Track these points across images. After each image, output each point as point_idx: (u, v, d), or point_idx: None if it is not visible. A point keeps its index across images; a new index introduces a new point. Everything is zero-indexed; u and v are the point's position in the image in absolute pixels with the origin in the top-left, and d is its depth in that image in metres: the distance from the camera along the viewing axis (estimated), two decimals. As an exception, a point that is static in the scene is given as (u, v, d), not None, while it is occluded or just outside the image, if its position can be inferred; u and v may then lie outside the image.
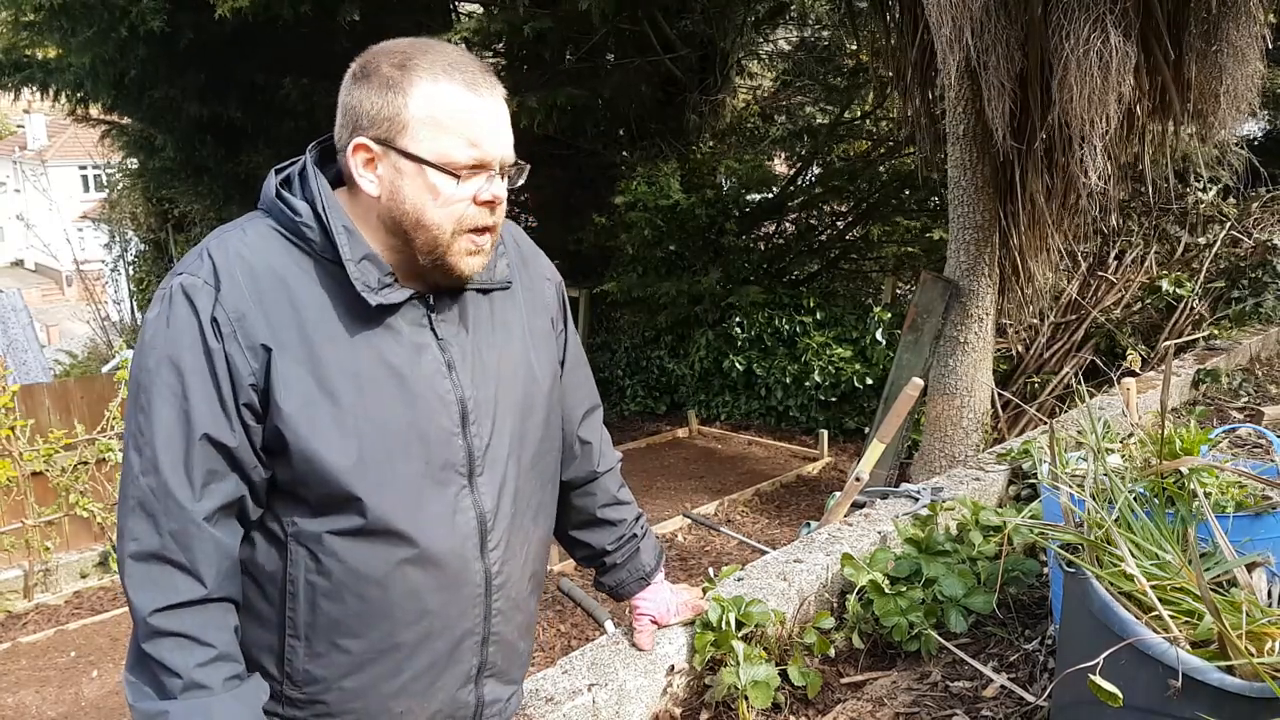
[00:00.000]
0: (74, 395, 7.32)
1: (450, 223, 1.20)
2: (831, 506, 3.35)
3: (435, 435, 1.24)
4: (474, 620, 1.31)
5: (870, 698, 1.72)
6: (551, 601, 4.57)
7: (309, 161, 1.25)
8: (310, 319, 1.19)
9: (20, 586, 5.28)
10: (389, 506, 1.21)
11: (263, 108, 8.32)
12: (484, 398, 1.29)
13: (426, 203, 1.19)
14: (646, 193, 7.52)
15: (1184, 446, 1.84)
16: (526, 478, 1.36)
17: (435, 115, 1.17)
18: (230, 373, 1.15)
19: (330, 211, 1.20)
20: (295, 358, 1.17)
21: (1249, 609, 1.19)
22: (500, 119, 1.22)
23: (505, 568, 1.33)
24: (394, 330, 1.23)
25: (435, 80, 1.17)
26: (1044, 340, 5.99)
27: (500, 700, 1.40)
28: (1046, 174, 4.28)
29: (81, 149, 23.67)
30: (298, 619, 1.23)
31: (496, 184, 1.21)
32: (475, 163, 1.19)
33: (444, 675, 1.31)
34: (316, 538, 1.21)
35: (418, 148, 1.17)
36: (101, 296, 16.77)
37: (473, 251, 1.22)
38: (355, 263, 1.19)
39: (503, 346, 1.34)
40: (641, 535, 1.64)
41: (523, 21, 6.66)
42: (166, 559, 1.14)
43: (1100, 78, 3.32)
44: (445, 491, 1.25)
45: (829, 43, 8.94)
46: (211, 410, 1.15)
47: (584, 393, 1.58)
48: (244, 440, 1.18)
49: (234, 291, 1.16)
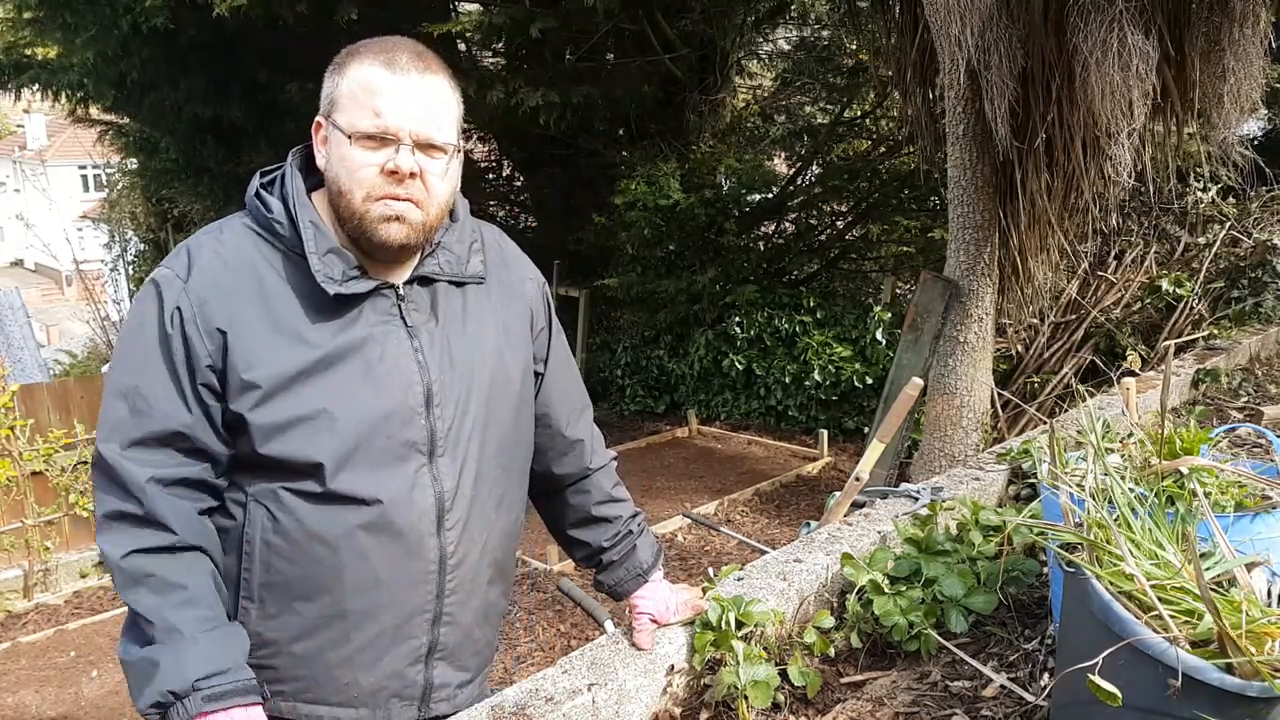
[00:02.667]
0: (74, 395, 7.33)
1: (359, 189, 1.27)
2: (831, 506, 3.35)
3: (399, 414, 1.31)
4: (425, 597, 1.35)
5: (870, 697, 1.72)
6: (551, 601, 4.57)
7: (289, 163, 1.35)
8: (278, 307, 1.27)
9: (20, 586, 5.28)
10: (349, 475, 1.27)
11: (263, 108, 8.33)
12: (450, 383, 1.35)
13: (341, 170, 1.27)
14: (646, 192, 7.52)
15: (1184, 446, 1.84)
16: (490, 464, 1.41)
17: (353, 90, 1.26)
18: (187, 355, 1.24)
19: (299, 208, 1.29)
20: (261, 341, 1.25)
21: (1249, 609, 1.19)
22: (415, 95, 1.27)
23: (461, 548, 1.37)
24: (360, 318, 1.31)
25: (362, 63, 1.27)
26: (1044, 340, 5.99)
27: (450, 685, 1.43)
28: (1047, 174, 4.28)
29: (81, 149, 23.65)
30: (252, 580, 1.29)
31: (403, 155, 1.25)
32: (377, 131, 1.25)
33: (392, 649, 1.35)
34: (275, 495, 1.27)
35: (340, 119, 1.27)
36: (101, 296, 16.75)
37: (389, 218, 1.27)
38: (320, 256, 1.27)
39: (474, 338, 1.40)
40: (638, 533, 1.66)
41: (528, 20, 6.65)
42: (131, 515, 1.23)
43: (1121, 76, 3.32)
44: (405, 466, 1.31)
45: (829, 42, 8.93)
46: (166, 394, 1.24)
47: (572, 392, 1.61)
48: (202, 418, 1.26)
49: (200, 281, 1.25)
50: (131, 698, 1.21)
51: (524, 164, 10.07)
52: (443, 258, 1.38)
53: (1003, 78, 3.63)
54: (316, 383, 1.26)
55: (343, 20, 6.59)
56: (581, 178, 9.30)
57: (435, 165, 1.29)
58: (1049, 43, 3.75)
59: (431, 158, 1.28)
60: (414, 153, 1.26)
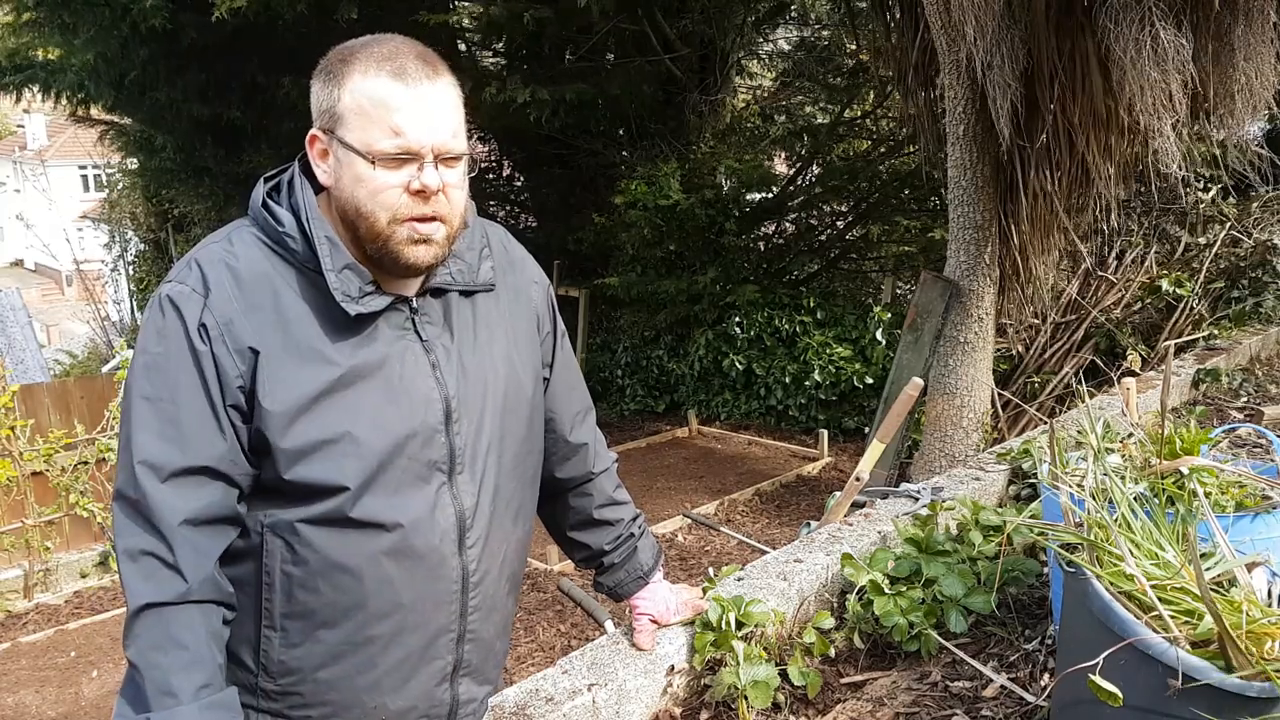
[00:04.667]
0: (74, 395, 7.33)
1: (384, 212, 1.21)
2: (831, 506, 3.35)
3: (420, 433, 1.27)
4: (449, 617, 1.32)
5: (870, 698, 1.72)
6: (551, 601, 4.57)
7: (296, 170, 1.29)
8: (295, 326, 1.21)
9: (20, 586, 5.28)
10: (370, 499, 1.23)
11: (263, 108, 8.32)
12: (467, 397, 1.32)
13: (360, 192, 1.21)
14: (646, 192, 7.51)
15: (1184, 446, 1.84)
16: (508, 477, 1.38)
17: (361, 105, 1.19)
18: (219, 374, 1.18)
19: (314, 222, 1.23)
20: (281, 361, 1.20)
21: (1249, 609, 1.19)
22: (432, 107, 1.21)
23: (483, 565, 1.34)
24: (378, 334, 1.26)
25: (365, 72, 1.20)
26: (1044, 340, 5.98)
27: (475, 700, 1.42)
28: (1048, 173, 4.28)
29: (81, 149, 23.65)
30: (274, 609, 1.25)
31: (428, 173, 1.20)
32: (400, 151, 1.19)
33: (419, 671, 1.32)
34: (292, 528, 1.23)
35: (350, 137, 1.20)
36: (101, 296, 16.75)
37: (416, 240, 1.23)
38: (336, 273, 1.22)
39: (486, 348, 1.36)
40: (639, 535, 1.65)
41: (523, 10, 6.64)
42: (157, 557, 1.17)
43: (1158, 72, 3.31)
44: (426, 488, 1.28)
45: (829, 42, 8.92)
46: (200, 416, 1.18)
47: (576, 395, 1.59)
48: (234, 441, 1.20)
49: (222, 298, 1.19)
50: None
51: (524, 164, 10.07)
52: (454, 267, 1.34)
53: (1006, 77, 3.62)
54: (338, 403, 1.22)
55: (343, 20, 6.59)
56: (581, 178, 9.29)
57: (455, 175, 1.24)
58: (1050, 42, 3.75)
59: (451, 168, 1.23)
60: (437, 168, 1.21)
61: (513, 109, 7.05)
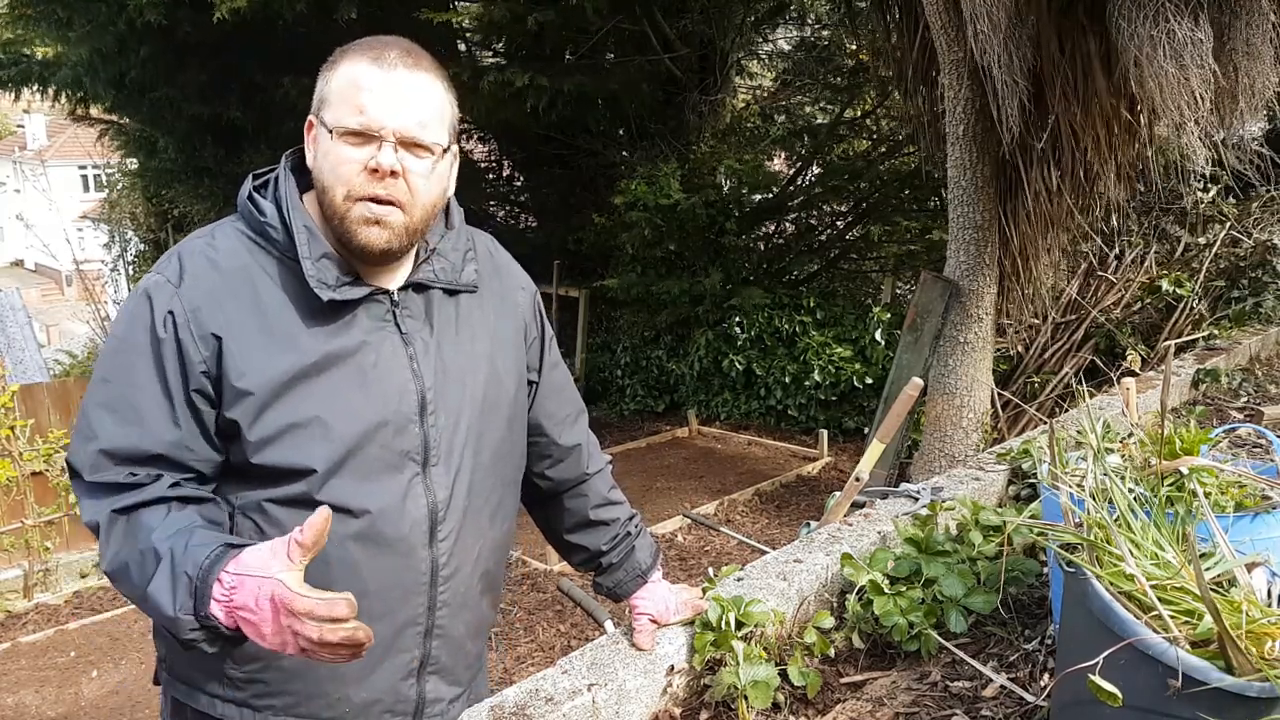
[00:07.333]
0: (74, 395, 7.32)
1: (341, 186, 1.23)
2: (831, 506, 3.35)
3: (393, 422, 1.28)
4: (417, 609, 1.33)
5: (870, 698, 1.72)
6: (551, 601, 4.57)
7: (283, 165, 1.32)
8: (271, 312, 1.24)
9: (20, 586, 5.28)
10: (338, 484, 1.25)
11: (263, 108, 8.32)
12: (444, 391, 1.33)
13: (325, 165, 1.25)
14: (646, 192, 7.51)
15: (1184, 446, 1.84)
16: (485, 474, 1.39)
17: (341, 86, 1.24)
18: (181, 360, 1.21)
19: (293, 212, 1.26)
20: (254, 345, 1.22)
21: (1249, 609, 1.19)
22: (402, 91, 1.23)
23: (455, 560, 1.35)
24: (355, 323, 1.28)
25: (352, 61, 1.24)
26: (1044, 340, 5.98)
27: (442, 700, 1.41)
28: (1049, 173, 4.28)
29: (81, 149, 23.65)
30: None
31: (385, 153, 1.22)
32: (360, 128, 1.22)
33: (384, 663, 1.32)
34: (260, 508, 1.25)
35: (326, 115, 1.24)
36: (101, 296, 16.73)
37: (369, 221, 1.24)
38: (313, 261, 1.24)
39: (467, 346, 1.38)
40: (636, 534, 1.65)
41: (525, 12, 6.63)
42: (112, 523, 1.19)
43: (1176, 68, 3.30)
44: (399, 476, 1.29)
45: (829, 42, 8.92)
46: (155, 405, 1.21)
47: (567, 397, 1.61)
48: (191, 427, 1.23)
49: (193, 287, 1.23)
50: (164, 623, 1.12)
51: (524, 164, 10.07)
52: (438, 265, 1.36)
53: (1014, 75, 3.61)
54: (310, 389, 1.23)
55: (342, 19, 6.59)
56: (581, 178, 9.30)
57: (420, 165, 1.25)
58: (1053, 42, 3.75)
59: (416, 156, 1.24)
60: (396, 150, 1.22)
61: (509, 94, 7.00)
